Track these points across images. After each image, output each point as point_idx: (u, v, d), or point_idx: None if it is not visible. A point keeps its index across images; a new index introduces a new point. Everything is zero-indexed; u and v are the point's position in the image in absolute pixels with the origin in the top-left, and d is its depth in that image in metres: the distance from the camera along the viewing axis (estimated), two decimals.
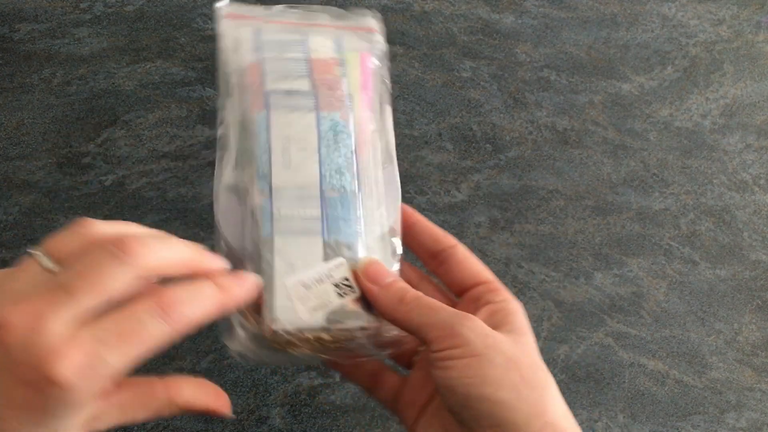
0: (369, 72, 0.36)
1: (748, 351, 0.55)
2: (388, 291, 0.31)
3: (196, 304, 0.26)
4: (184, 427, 0.46)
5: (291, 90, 0.34)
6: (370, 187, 0.34)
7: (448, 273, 0.35)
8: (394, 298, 0.31)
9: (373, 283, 0.31)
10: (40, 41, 0.61)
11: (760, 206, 0.62)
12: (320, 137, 0.33)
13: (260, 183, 0.32)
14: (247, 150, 0.33)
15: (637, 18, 0.72)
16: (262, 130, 0.33)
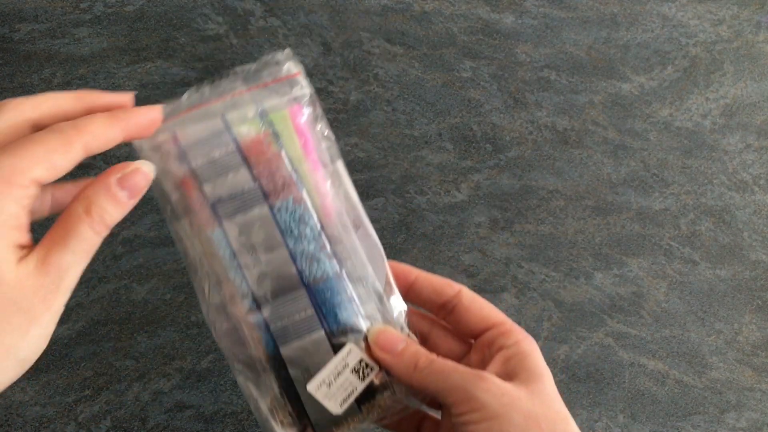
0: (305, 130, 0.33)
1: (748, 351, 0.55)
2: (402, 359, 0.32)
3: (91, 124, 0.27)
4: (184, 427, 0.46)
5: (234, 193, 0.32)
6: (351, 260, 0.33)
7: (458, 321, 0.35)
8: (409, 366, 0.31)
9: (386, 353, 0.32)
10: (40, 41, 0.61)
11: (760, 206, 0.62)
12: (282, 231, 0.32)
13: (245, 301, 0.32)
14: (217, 272, 0.32)
15: (637, 18, 0.72)
16: (223, 247, 0.32)
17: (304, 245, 0.32)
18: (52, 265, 0.25)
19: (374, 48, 0.65)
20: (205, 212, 0.31)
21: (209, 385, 0.48)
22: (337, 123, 0.61)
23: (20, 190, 0.25)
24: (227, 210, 0.31)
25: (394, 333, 0.33)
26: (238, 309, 0.32)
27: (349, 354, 0.32)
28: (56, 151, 0.26)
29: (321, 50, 0.64)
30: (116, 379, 0.48)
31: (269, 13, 0.65)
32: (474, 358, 0.34)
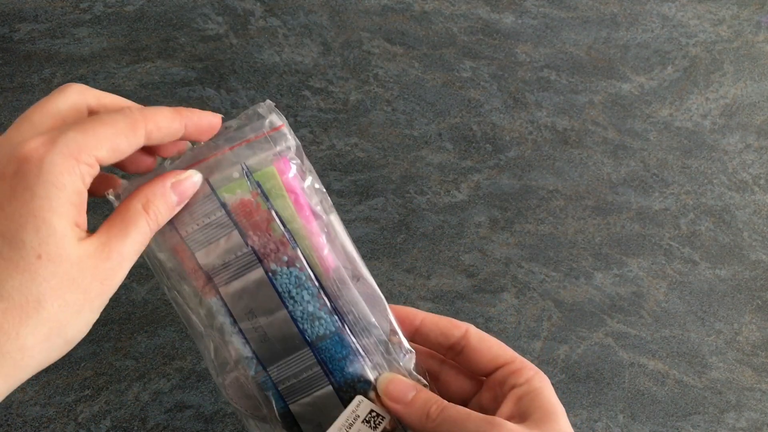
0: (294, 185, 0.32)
1: (748, 351, 0.55)
2: (413, 408, 0.32)
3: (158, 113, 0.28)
4: (184, 427, 0.46)
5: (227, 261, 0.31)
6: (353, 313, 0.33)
7: (468, 361, 0.35)
8: (421, 415, 0.31)
9: (397, 403, 0.32)
10: (40, 41, 0.61)
11: (760, 206, 0.62)
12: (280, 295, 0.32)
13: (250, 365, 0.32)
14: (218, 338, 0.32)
15: (637, 18, 0.72)
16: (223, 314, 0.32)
17: (303, 306, 0.32)
18: (113, 251, 0.26)
19: (374, 48, 0.65)
20: (201, 280, 0.31)
21: (209, 385, 0.48)
22: (337, 123, 0.61)
23: (85, 168, 0.25)
24: (222, 278, 0.31)
25: (404, 381, 0.33)
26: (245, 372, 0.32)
27: (359, 406, 0.32)
28: (122, 134, 0.26)
29: (321, 50, 0.64)
30: (116, 379, 0.48)
31: (269, 13, 0.65)
32: (485, 396, 0.35)
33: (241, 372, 0.32)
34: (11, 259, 0.23)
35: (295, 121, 0.60)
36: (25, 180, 0.24)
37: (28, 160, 0.24)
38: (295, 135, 0.33)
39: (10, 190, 0.24)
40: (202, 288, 0.31)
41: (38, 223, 0.24)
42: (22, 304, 0.23)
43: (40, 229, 0.24)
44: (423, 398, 0.32)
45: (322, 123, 0.61)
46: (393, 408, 0.32)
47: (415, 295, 0.53)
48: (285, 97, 0.62)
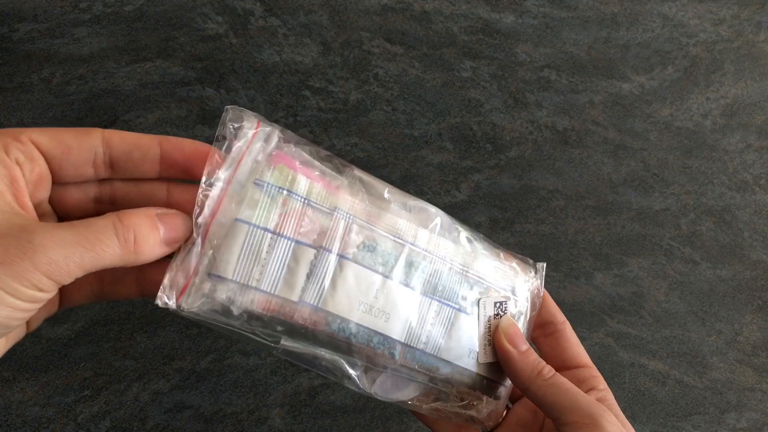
0: (304, 167, 0.31)
1: (748, 351, 0.55)
2: (526, 359, 0.32)
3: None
4: (183, 427, 0.46)
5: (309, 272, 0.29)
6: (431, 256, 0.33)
7: (553, 347, 0.36)
8: (533, 370, 0.31)
9: (513, 347, 0.32)
10: (39, 41, 0.61)
11: (761, 206, 0.62)
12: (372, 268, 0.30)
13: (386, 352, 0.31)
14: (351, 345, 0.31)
15: (638, 18, 0.71)
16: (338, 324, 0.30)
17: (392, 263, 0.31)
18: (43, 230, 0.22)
19: (374, 48, 0.65)
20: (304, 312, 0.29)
21: (209, 385, 0.48)
22: (337, 123, 0.61)
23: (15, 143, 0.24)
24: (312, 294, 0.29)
25: (521, 331, 0.33)
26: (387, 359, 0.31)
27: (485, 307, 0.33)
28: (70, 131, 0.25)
29: (321, 50, 0.64)
30: (116, 380, 0.48)
31: (269, 13, 0.65)
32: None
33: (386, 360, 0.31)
34: None
35: (295, 121, 0.60)
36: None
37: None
38: (290, 131, 0.32)
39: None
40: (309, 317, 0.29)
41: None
42: None
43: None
44: (536, 356, 0.32)
45: (322, 123, 0.61)
46: (506, 350, 0.32)
47: None
48: (285, 97, 0.61)
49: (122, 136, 0.26)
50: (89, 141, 0.25)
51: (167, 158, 0.27)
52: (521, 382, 0.32)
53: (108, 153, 0.26)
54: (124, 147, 0.26)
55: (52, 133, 0.25)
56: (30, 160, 0.24)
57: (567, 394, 0.30)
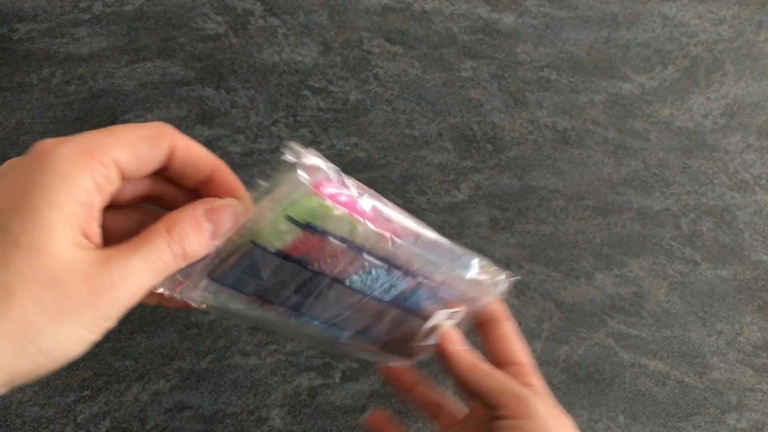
0: (336, 195, 0.31)
1: (749, 351, 0.55)
2: (465, 355, 0.35)
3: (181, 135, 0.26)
4: (183, 427, 0.46)
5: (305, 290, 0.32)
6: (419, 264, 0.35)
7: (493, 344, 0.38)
8: (470, 362, 0.34)
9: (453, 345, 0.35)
10: (39, 41, 0.61)
11: (761, 206, 0.62)
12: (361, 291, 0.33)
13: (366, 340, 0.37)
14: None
15: (638, 17, 0.71)
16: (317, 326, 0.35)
17: (381, 287, 0.34)
18: (115, 262, 0.22)
19: (374, 48, 0.65)
20: (279, 310, 0.33)
21: (208, 385, 0.48)
22: (337, 123, 0.61)
23: (98, 166, 0.22)
24: (308, 307, 0.33)
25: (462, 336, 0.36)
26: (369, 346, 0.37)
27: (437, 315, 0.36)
28: (146, 139, 0.24)
29: (321, 50, 0.64)
30: (115, 380, 0.48)
31: (269, 13, 0.65)
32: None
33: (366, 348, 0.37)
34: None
35: (295, 121, 0.60)
36: (29, 172, 0.22)
37: (37, 154, 0.22)
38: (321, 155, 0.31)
39: (15, 181, 0.22)
40: (283, 315, 0.33)
41: (28, 210, 0.21)
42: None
43: (27, 216, 0.21)
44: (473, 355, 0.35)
45: (322, 123, 0.60)
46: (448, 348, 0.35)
47: None
48: (285, 97, 0.61)
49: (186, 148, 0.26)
50: (159, 150, 0.25)
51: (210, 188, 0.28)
52: (459, 374, 0.34)
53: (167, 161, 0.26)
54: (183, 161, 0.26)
55: (131, 148, 0.24)
56: (109, 183, 0.23)
57: (498, 380, 0.33)
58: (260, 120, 0.60)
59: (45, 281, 0.21)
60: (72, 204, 0.22)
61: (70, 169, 0.22)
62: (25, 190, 0.21)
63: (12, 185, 0.22)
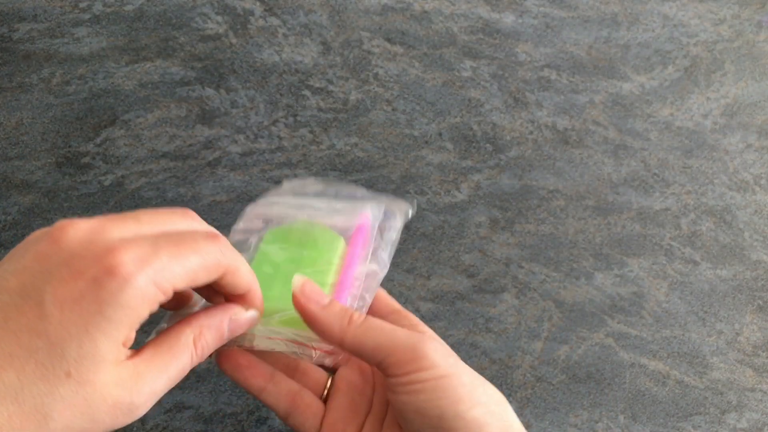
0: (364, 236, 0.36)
1: (749, 351, 0.55)
2: (331, 312, 0.30)
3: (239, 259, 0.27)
4: (183, 427, 0.46)
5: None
6: None
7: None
8: (342, 320, 0.29)
9: (313, 304, 0.30)
10: (39, 41, 0.61)
11: (761, 206, 0.62)
12: None
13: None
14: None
15: (638, 17, 0.71)
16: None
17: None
18: (145, 386, 0.24)
19: (374, 47, 0.65)
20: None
21: (209, 385, 0.48)
22: (337, 123, 0.61)
23: (161, 296, 0.24)
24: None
25: (318, 287, 0.31)
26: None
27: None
28: (206, 269, 0.25)
29: (321, 50, 0.64)
30: None
31: (269, 13, 0.65)
32: None
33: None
34: (42, 365, 0.22)
35: (295, 121, 0.60)
36: (99, 291, 0.22)
37: (114, 273, 0.22)
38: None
39: (80, 294, 0.22)
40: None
41: (86, 340, 0.22)
42: (30, 413, 0.22)
43: (84, 347, 0.22)
44: (340, 305, 0.30)
45: (322, 123, 0.60)
46: (309, 310, 0.29)
47: (415, 296, 0.53)
48: (285, 97, 0.61)
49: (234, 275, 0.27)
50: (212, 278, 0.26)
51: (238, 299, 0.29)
52: (333, 335, 0.29)
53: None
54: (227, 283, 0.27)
55: (192, 277, 0.25)
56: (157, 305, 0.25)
57: (383, 333, 0.29)
58: (260, 120, 0.60)
59: (80, 410, 0.22)
60: (127, 332, 0.23)
61: (140, 305, 0.23)
62: (90, 314, 0.22)
63: (79, 299, 0.22)
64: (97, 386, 0.23)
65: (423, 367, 0.28)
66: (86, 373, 0.22)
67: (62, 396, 0.22)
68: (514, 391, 0.50)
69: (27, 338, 0.22)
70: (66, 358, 0.22)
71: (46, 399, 0.22)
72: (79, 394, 0.22)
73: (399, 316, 0.34)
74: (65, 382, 0.22)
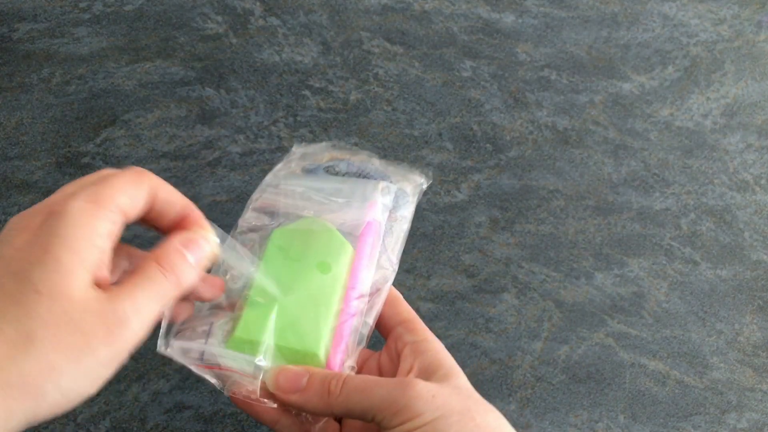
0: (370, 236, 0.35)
1: (749, 351, 0.55)
2: (310, 392, 0.30)
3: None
4: (183, 427, 0.46)
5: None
6: None
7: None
8: (322, 396, 0.30)
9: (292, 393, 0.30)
10: (39, 41, 0.61)
11: (761, 206, 0.62)
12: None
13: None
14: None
15: (638, 17, 0.71)
16: None
17: None
18: (124, 297, 0.24)
19: (374, 47, 0.65)
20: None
21: (208, 385, 0.48)
22: (337, 123, 0.61)
23: (109, 213, 0.25)
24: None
25: (292, 370, 0.31)
26: None
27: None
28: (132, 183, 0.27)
29: (321, 50, 0.64)
30: (115, 380, 0.48)
31: (269, 13, 0.65)
32: (383, 357, 0.35)
33: None
34: (11, 293, 0.22)
35: (295, 121, 0.60)
36: (48, 227, 0.24)
37: (53, 210, 0.24)
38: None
39: (34, 237, 0.24)
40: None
41: (47, 259, 0.23)
42: (13, 338, 0.22)
43: (47, 264, 0.23)
44: (319, 378, 0.30)
45: (322, 123, 0.60)
46: (289, 402, 0.30)
47: (415, 296, 0.53)
48: (285, 97, 0.61)
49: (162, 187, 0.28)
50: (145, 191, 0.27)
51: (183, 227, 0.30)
52: (320, 413, 0.30)
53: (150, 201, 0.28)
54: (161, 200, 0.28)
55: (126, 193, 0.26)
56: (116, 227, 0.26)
57: (365, 395, 0.29)
58: (260, 120, 0.60)
59: (63, 323, 0.22)
60: (89, 249, 0.24)
61: (86, 218, 0.24)
62: (45, 242, 0.23)
63: (31, 240, 0.24)
64: (73, 298, 0.23)
65: (409, 418, 0.28)
66: (56, 286, 0.22)
67: (39, 313, 0.22)
68: (514, 391, 0.50)
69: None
70: (31, 279, 0.22)
71: (23, 320, 0.22)
72: (55, 308, 0.22)
73: (406, 328, 0.34)
74: (37, 299, 0.22)
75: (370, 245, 0.35)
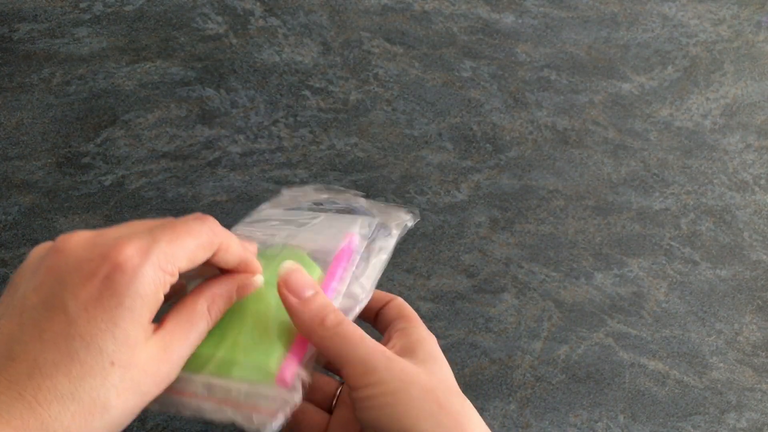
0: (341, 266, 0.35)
1: (748, 351, 0.55)
2: (307, 308, 0.30)
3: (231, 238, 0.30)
4: (183, 428, 0.46)
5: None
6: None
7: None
8: (314, 319, 0.30)
9: (294, 296, 0.31)
10: (39, 41, 0.61)
11: (761, 206, 0.62)
12: None
13: None
14: None
15: (638, 18, 0.71)
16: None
17: None
18: (174, 354, 0.27)
19: (374, 48, 0.65)
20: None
21: None
22: (337, 123, 0.61)
23: (168, 278, 0.27)
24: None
25: (306, 276, 0.31)
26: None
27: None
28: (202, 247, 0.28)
29: (321, 50, 0.64)
30: None
31: (269, 13, 0.65)
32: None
33: None
34: (87, 363, 0.24)
35: (295, 121, 0.60)
36: (114, 287, 0.25)
37: (122, 268, 0.25)
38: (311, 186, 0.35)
39: (98, 292, 0.25)
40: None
41: (117, 331, 0.25)
42: (91, 407, 0.24)
43: (117, 338, 0.25)
44: (320, 302, 0.31)
45: (322, 123, 0.61)
46: (288, 300, 0.30)
47: (415, 295, 0.53)
48: (285, 97, 0.61)
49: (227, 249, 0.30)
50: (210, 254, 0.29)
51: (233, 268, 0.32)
52: (304, 333, 0.30)
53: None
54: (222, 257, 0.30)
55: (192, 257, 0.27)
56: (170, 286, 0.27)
57: (348, 342, 0.29)
58: (260, 120, 0.60)
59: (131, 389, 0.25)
60: (149, 315, 0.26)
61: (153, 291, 0.26)
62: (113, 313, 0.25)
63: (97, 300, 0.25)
64: (138, 366, 0.25)
65: (372, 382, 0.28)
66: (127, 358, 0.25)
67: (113, 384, 0.24)
68: (514, 391, 0.50)
69: (64, 344, 0.24)
70: (105, 351, 0.24)
71: (101, 391, 0.24)
72: (126, 378, 0.25)
73: (403, 319, 0.34)
74: (112, 371, 0.24)
75: (341, 269, 0.34)
